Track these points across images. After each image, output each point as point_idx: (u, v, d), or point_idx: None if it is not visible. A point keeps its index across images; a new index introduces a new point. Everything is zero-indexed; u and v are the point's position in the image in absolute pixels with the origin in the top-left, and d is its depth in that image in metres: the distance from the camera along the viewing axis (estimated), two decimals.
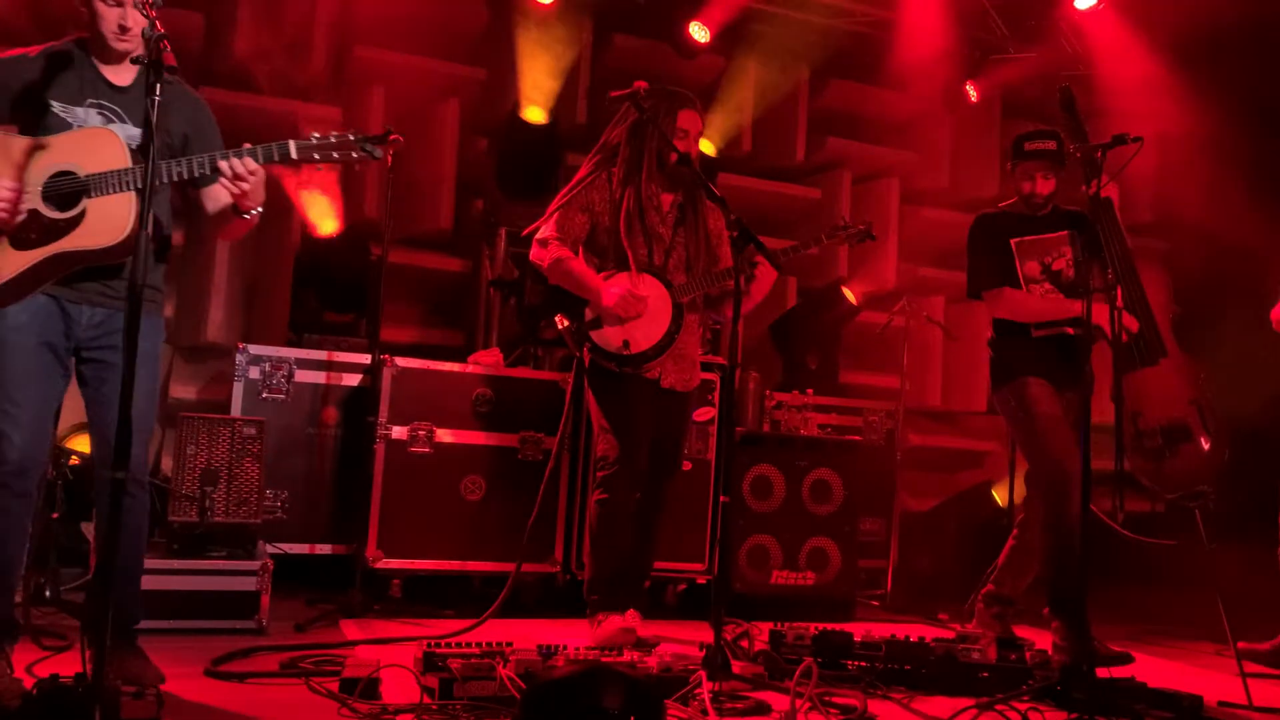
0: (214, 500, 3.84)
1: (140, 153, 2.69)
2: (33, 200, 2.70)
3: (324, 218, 5.24)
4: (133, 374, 2.35)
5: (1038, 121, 4.82)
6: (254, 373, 4.43)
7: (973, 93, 6.59)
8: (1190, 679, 3.77)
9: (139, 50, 2.75)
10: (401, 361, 4.46)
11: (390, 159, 4.48)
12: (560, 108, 5.77)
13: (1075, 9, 6.13)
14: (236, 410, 4.35)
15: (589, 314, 3.79)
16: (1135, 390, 4.07)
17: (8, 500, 2.78)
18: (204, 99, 3.11)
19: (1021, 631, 4.09)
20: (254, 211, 2.87)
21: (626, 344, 3.75)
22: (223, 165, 2.73)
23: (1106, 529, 4.22)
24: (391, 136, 2.92)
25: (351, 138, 2.79)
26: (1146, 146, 3.33)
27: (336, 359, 4.59)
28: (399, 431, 4.40)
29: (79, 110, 2.82)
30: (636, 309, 3.73)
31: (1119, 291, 3.73)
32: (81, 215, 2.72)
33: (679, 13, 6.01)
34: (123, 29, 2.81)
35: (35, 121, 2.79)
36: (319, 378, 4.55)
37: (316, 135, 2.79)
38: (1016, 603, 4.09)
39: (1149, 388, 4.08)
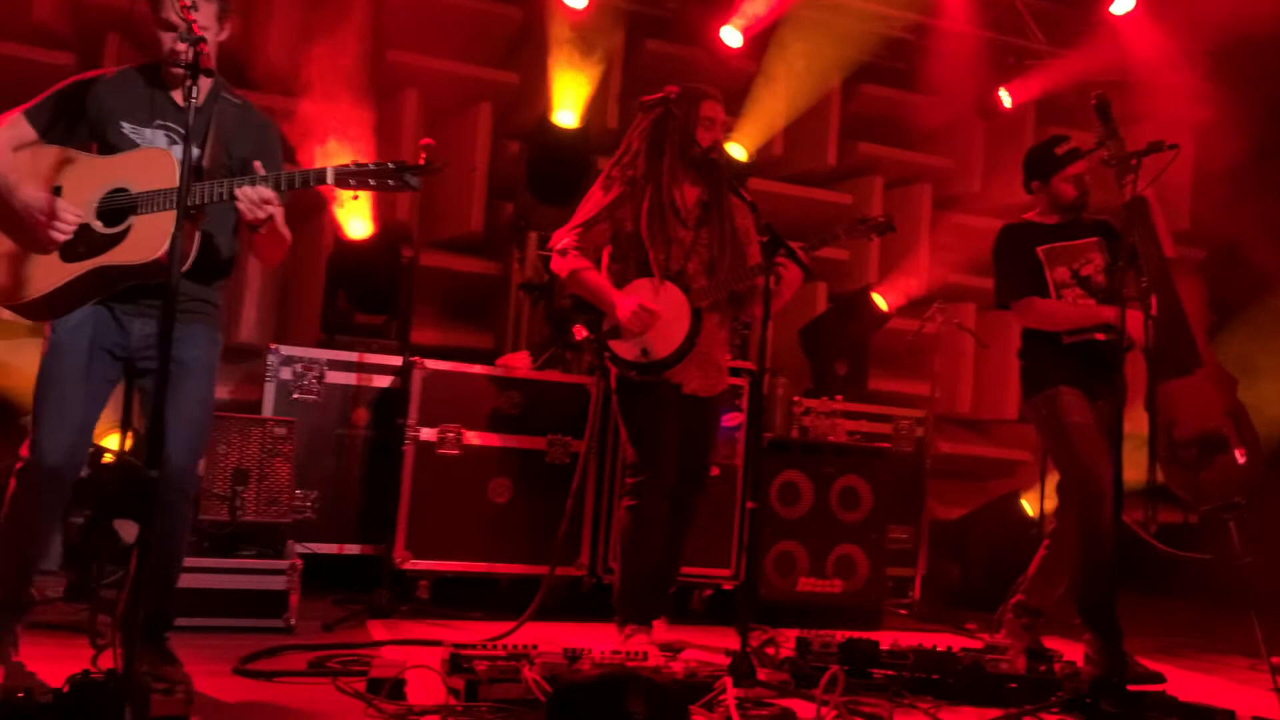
0: (244, 499, 3.88)
1: (195, 171, 2.79)
2: (87, 215, 2.81)
3: (356, 220, 5.28)
4: (165, 378, 2.43)
5: (1072, 127, 4.78)
6: (286, 373, 4.47)
7: (1007, 98, 6.55)
8: (1223, 694, 3.72)
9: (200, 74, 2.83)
10: (431, 364, 4.48)
11: (422, 161, 4.50)
12: (591, 112, 5.78)
13: (1112, 14, 6.07)
14: (268, 410, 4.39)
15: (607, 323, 3.80)
16: (1169, 400, 4.02)
17: (44, 495, 2.85)
18: (271, 121, 3.15)
19: (1051, 643, 4.05)
20: (279, 229, 2.88)
21: (645, 352, 3.74)
22: (239, 192, 2.76)
23: (1139, 540, 4.17)
24: (431, 163, 2.93)
25: (391, 166, 2.85)
26: (1184, 153, 3.29)
27: (367, 360, 4.62)
28: (428, 433, 4.43)
29: (147, 131, 2.91)
30: (648, 321, 3.72)
31: (1153, 299, 3.68)
32: (126, 231, 2.81)
33: (711, 18, 6.01)
34: (174, 53, 2.86)
35: (108, 141, 2.90)
36: (349, 379, 4.59)
37: (355, 162, 2.85)
38: (1046, 614, 4.04)
39: (1183, 397, 4.02)
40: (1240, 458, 3.97)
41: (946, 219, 6.70)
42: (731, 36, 5.99)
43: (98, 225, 2.80)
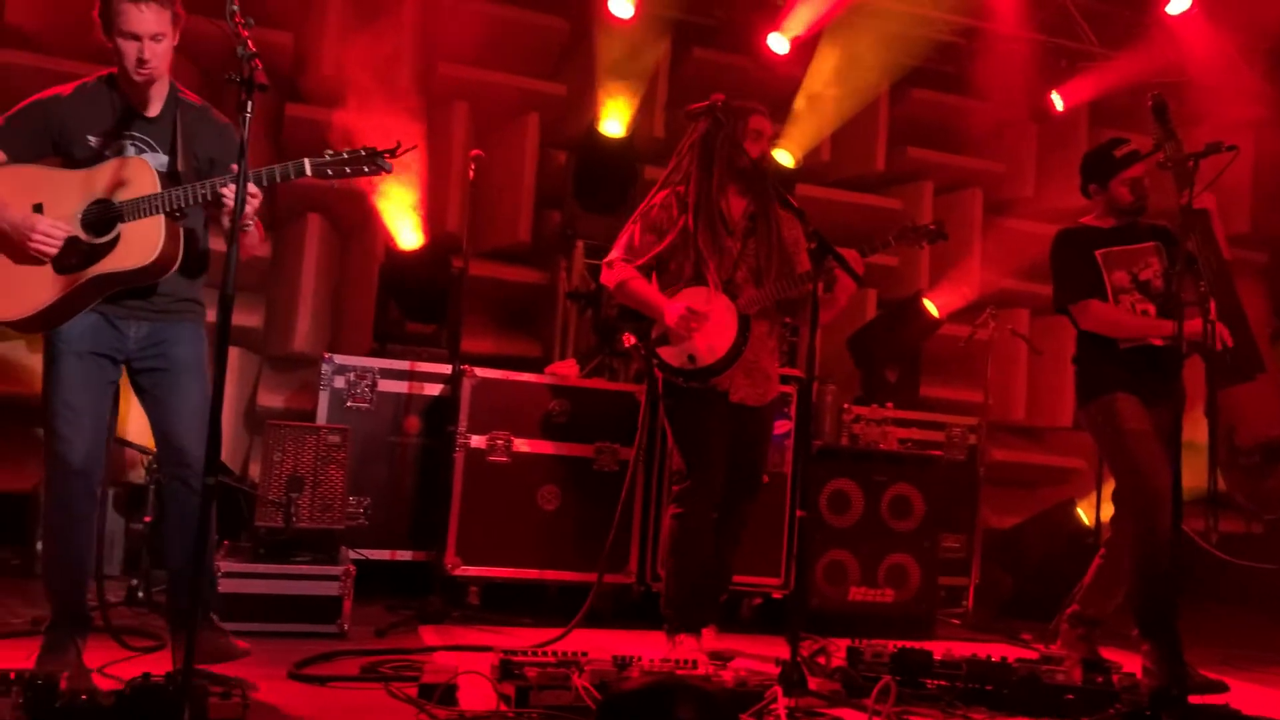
0: (299, 506, 3.93)
1: (169, 177, 2.96)
2: (73, 228, 2.90)
3: (407, 231, 5.35)
4: (223, 379, 2.50)
5: (1127, 129, 4.70)
6: (339, 382, 4.54)
7: (1059, 101, 6.46)
8: None
9: (160, 80, 3.02)
10: (481, 372, 4.52)
11: (472, 173, 4.57)
12: (638, 122, 5.80)
13: (1167, 14, 5.96)
14: (322, 418, 4.46)
15: (655, 331, 3.81)
16: (1231, 406, 3.94)
17: (75, 500, 2.96)
18: (230, 122, 3.20)
19: (1108, 653, 3.97)
20: (248, 226, 2.96)
21: (692, 358, 3.75)
22: (224, 190, 2.87)
23: (1199, 549, 4.08)
24: (400, 145, 3.01)
25: (363, 152, 2.95)
26: (1244, 155, 3.22)
27: (418, 369, 4.68)
28: (478, 441, 4.46)
29: (114, 143, 2.99)
30: (695, 325, 3.72)
31: (1212, 304, 3.60)
32: (116, 239, 2.91)
33: (757, 26, 6.01)
34: (141, 62, 2.95)
35: (73, 155, 2.99)
36: (401, 387, 4.64)
37: (330, 152, 2.95)
38: (1103, 624, 3.97)
39: (1245, 404, 3.94)
40: None
41: (999, 224, 6.62)
42: (778, 44, 5.97)
43: (86, 236, 2.89)
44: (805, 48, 6.05)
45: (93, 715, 2.34)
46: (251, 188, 2.84)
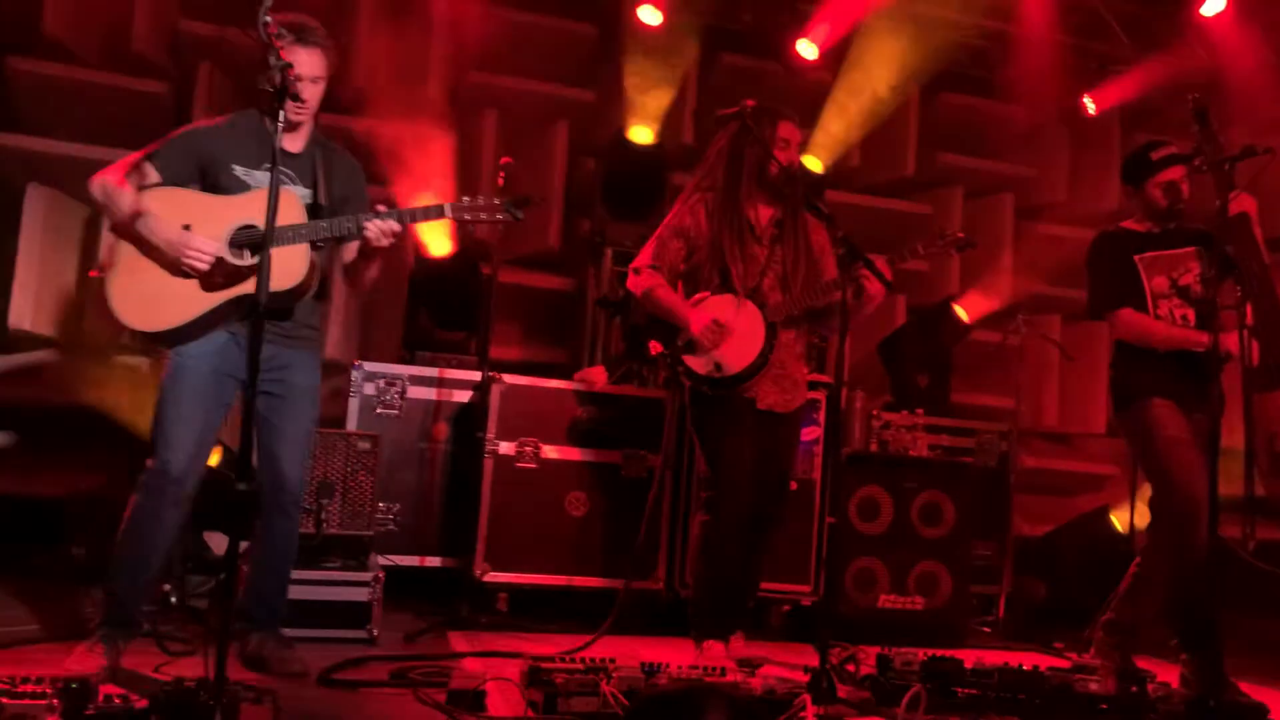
0: (329, 512, 3.96)
1: (310, 209, 3.16)
2: (220, 249, 3.05)
3: (436, 239, 5.38)
4: (254, 389, 2.60)
5: (1160, 133, 4.64)
6: (369, 389, 4.57)
7: (1091, 105, 6.40)
8: None
9: (310, 121, 3.23)
10: (509, 379, 4.53)
11: (501, 180, 4.59)
12: (667, 128, 5.80)
13: (1201, 15, 5.89)
14: (352, 425, 4.49)
15: (682, 339, 3.80)
16: (1271, 412, 3.87)
17: (164, 508, 3.07)
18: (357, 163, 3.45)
19: (1143, 663, 3.91)
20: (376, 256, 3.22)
21: (718, 366, 3.75)
22: (369, 225, 3.08)
23: (1236, 558, 4.01)
24: (531, 199, 3.26)
25: (497, 202, 3.16)
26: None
27: (447, 376, 4.70)
28: (506, 447, 4.47)
29: (257, 173, 3.16)
30: (720, 336, 3.72)
31: (1249, 309, 3.55)
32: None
33: (786, 31, 6.00)
34: (301, 102, 3.14)
35: (219, 183, 3.14)
36: (430, 394, 4.66)
37: (467, 198, 3.17)
38: (1138, 633, 3.91)
39: None
40: None
41: (1030, 229, 6.56)
42: (807, 49, 5.96)
43: (232, 257, 3.05)
44: (834, 53, 6.03)
45: (124, 719, 2.36)
46: (396, 226, 3.09)
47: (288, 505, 3.31)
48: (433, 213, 3.18)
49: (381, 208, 3.13)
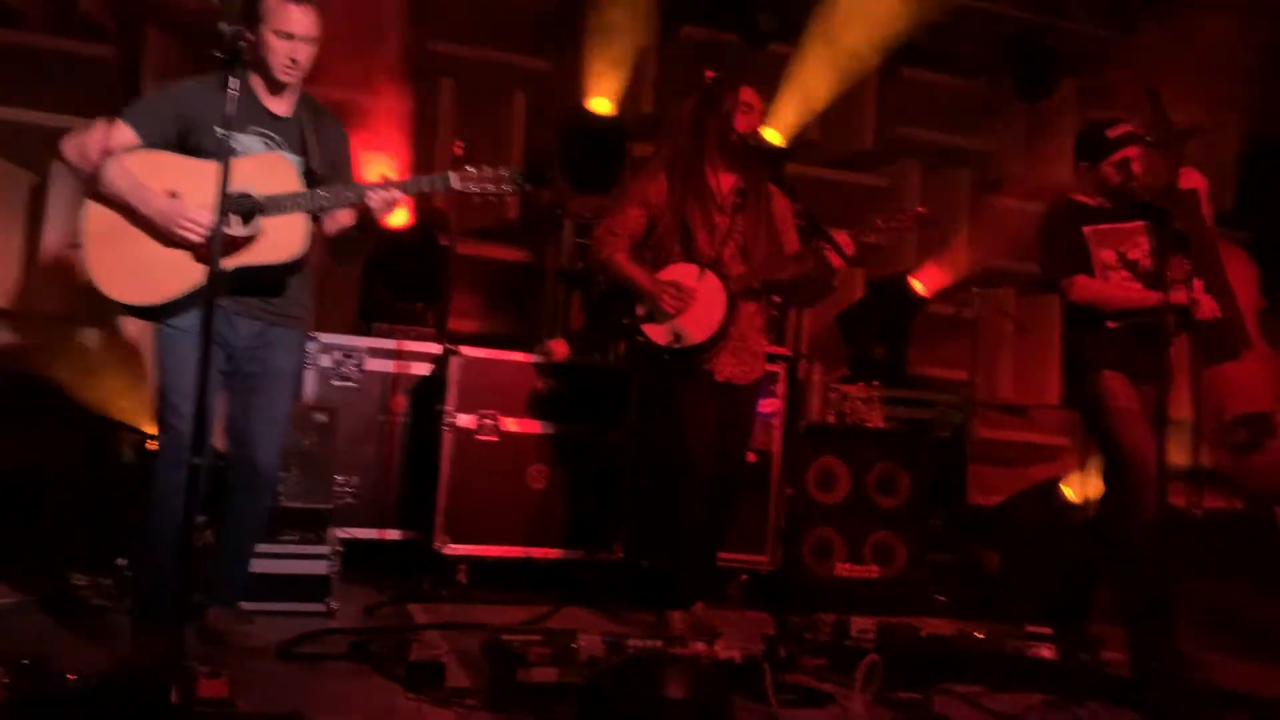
0: (287, 485, 3.92)
1: (304, 176, 3.01)
2: (212, 218, 2.85)
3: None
4: (208, 354, 2.51)
5: (1115, 108, 4.69)
6: (326, 360, 4.52)
7: (1048, 81, 6.44)
8: (1274, 684, 3.65)
9: (299, 82, 3.08)
10: (469, 351, 4.51)
11: (459, 150, 4.54)
12: (627, 99, 5.77)
13: None
14: (308, 397, 4.43)
15: (642, 309, 3.80)
16: (1219, 384, 3.95)
17: (185, 479, 2.89)
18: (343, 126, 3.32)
19: (1094, 630, 4.00)
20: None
21: (678, 337, 3.75)
22: (372, 195, 2.97)
23: (1185, 524, 4.11)
24: (544, 172, 3.12)
25: (504, 172, 3.06)
26: (1231, 134, 3.23)
27: (406, 348, 4.66)
28: (466, 420, 4.46)
29: (242, 137, 3.00)
30: (682, 304, 3.72)
31: (1197, 284, 3.62)
32: (258, 233, 2.92)
33: (746, 2, 5.97)
34: (292, 62, 3.01)
35: (200, 145, 2.98)
36: (388, 366, 4.62)
37: (472, 168, 3.05)
38: (1087, 600, 3.99)
39: (1233, 381, 3.96)
40: None
41: (987, 202, 6.62)
42: (767, 20, 5.93)
43: (226, 228, 2.85)
44: (794, 24, 6.01)
45: (79, 696, 2.33)
46: (398, 195, 2.97)
47: (260, 488, 3.23)
48: (438, 183, 3.07)
49: (383, 177, 3.04)
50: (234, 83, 2.51)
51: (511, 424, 4.52)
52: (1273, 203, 6.23)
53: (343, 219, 3.18)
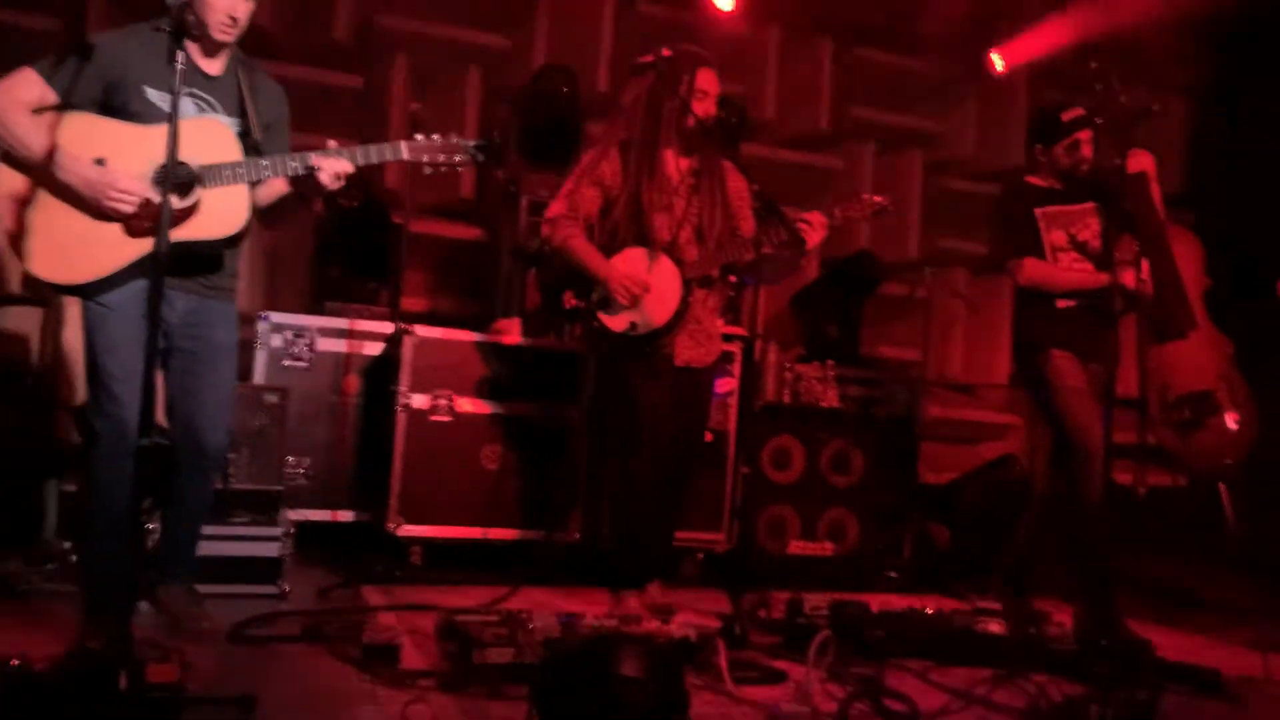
0: (237, 466, 3.87)
1: (242, 142, 2.83)
2: (146, 189, 2.72)
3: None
4: (155, 333, 2.40)
5: (1066, 89, 4.74)
6: (276, 341, 4.46)
7: (999, 61, 6.50)
8: (1212, 655, 3.75)
9: (234, 41, 2.90)
10: (422, 331, 4.47)
11: (416, 109, 4.47)
12: (582, 75, 5.72)
13: None
14: (259, 378, 4.38)
15: (597, 293, 3.77)
16: (1163, 363, 4.03)
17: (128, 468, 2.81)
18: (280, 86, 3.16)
19: (1040, 605, 4.08)
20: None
21: (634, 325, 3.73)
22: (321, 164, 2.83)
23: (1128, 502, 4.20)
24: (494, 141, 3.06)
25: (457, 141, 2.99)
26: (1178, 116, 3.29)
27: (358, 327, 4.61)
28: (420, 400, 4.42)
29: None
30: (637, 293, 3.70)
31: (1145, 264, 3.69)
32: (196, 205, 2.75)
33: None
34: (232, 20, 2.83)
35: (128, 106, 2.79)
36: (341, 346, 4.57)
37: (422, 137, 2.95)
38: (1034, 576, 4.07)
39: (1177, 360, 4.04)
40: (1232, 422, 4.00)
41: (938, 183, 6.67)
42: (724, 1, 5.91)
43: (159, 198, 2.62)
44: (751, 3, 6.00)
45: (26, 683, 2.29)
46: (348, 165, 2.83)
47: (207, 468, 3.16)
48: (387, 152, 2.93)
49: (332, 143, 2.86)
50: (182, 56, 2.36)
51: (466, 404, 4.49)
52: (1221, 184, 6.35)
53: (278, 185, 3.02)
